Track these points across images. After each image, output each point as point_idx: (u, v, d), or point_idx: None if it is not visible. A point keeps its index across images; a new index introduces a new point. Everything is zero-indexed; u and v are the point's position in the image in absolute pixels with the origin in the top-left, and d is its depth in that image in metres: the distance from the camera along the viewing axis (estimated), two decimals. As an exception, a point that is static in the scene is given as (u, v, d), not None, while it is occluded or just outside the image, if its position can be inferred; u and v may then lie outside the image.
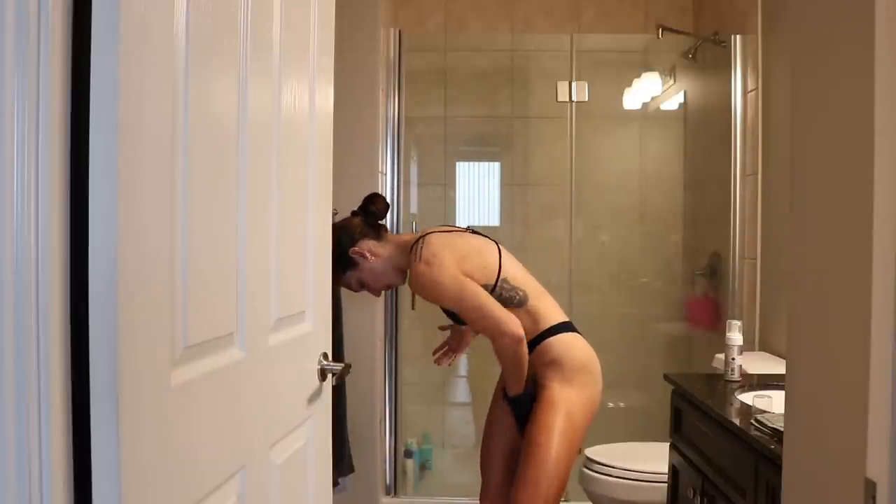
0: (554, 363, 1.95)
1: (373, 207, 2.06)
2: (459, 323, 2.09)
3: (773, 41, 2.72)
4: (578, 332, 2.02)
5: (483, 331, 1.94)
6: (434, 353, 2.29)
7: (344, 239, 1.99)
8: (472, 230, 2.10)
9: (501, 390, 2.14)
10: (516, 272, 2.00)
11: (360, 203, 2.10)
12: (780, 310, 2.61)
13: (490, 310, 1.89)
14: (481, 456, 2.21)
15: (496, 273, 1.97)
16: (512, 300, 1.97)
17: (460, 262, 1.94)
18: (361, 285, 2.05)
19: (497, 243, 2.05)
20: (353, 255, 2.00)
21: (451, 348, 2.27)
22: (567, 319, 2.03)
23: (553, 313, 2.02)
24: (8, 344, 0.70)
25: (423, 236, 1.98)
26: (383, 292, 2.19)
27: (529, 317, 1.98)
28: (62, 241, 0.75)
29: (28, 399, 0.71)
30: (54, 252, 0.74)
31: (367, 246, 2.02)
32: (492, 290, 1.94)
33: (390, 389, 3.08)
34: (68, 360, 0.76)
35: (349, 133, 2.71)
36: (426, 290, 1.94)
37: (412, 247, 1.98)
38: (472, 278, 1.93)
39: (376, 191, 2.85)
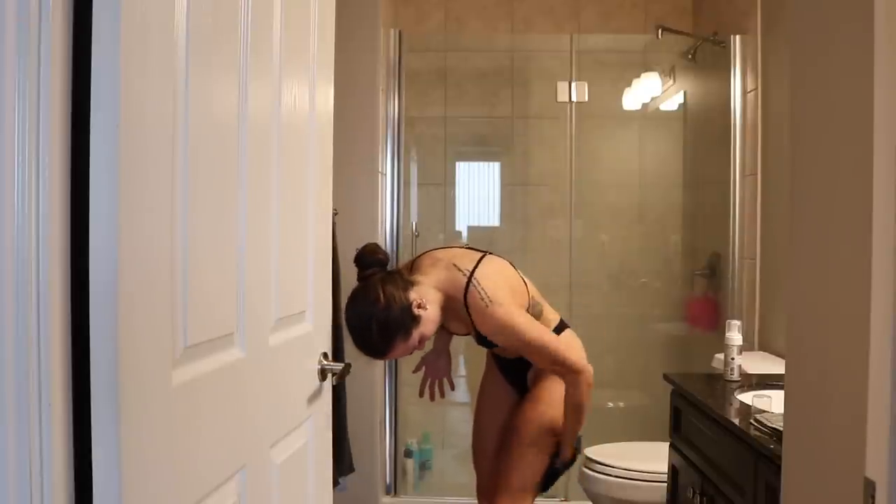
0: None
1: (380, 256, 1.84)
2: (488, 346, 2.02)
3: (773, 41, 2.72)
4: (569, 327, 2.07)
5: (552, 368, 1.88)
6: (421, 395, 2.20)
7: (396, 298, 1.74)
8: (488, 251, 2.00)
9: (494, 368, 2.16)
10: (531, 288, 1.99)
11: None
12: (779, 310, 2.61)
13: (562, 350, 1.83)
14: (473, 445, 2.21)
15: (527, 297, 1.94)
16: (535, 317, 1.97)
17: (514, 298, 1.87)
18: (420, 340, 1.80)
19: (509, 261, 2.01)
20: (418, 311, 1.77)
21: (434, 378, 2.19)
22: (559, 316, 2.07)
23: (554, 314, 2.06)
24: (8, 344, 0.70)
25: (471, 275, 1.82)
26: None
27: (544, 325, 2.01)
28: (62, 241, 0.75)
29: (29, 399, 0.72)
30: (54, 252, 0.74)
31: (415, 296, 1.78)
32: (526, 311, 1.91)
33: (390, 389, 3.08)
34: (69, 360, 0.76)
35: (349, 133, 2.71)
36: (500, 331, 1.81)
37: (466, 286, 1.81)
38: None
39: (376, 189, 2.85)
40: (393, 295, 1.74)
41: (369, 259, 1.83)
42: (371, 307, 1.73)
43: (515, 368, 2.10)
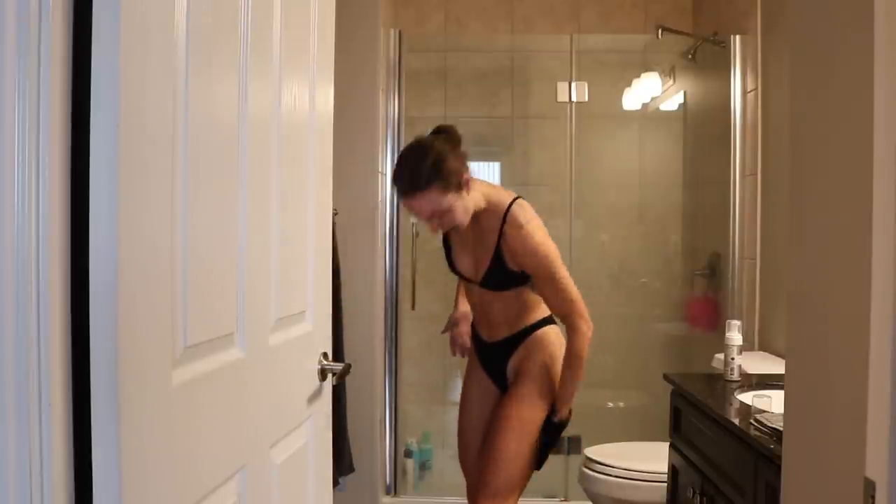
0: (547, 351, 2.03)
1: (458, 136, 1.91)
2: (497, 284, 2.01)
3: (773, 41, 2.72)
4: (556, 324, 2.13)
5: (561, 310, 1.96)
6: (453, 353, 2.27)
7: (458, 158, 1.83)
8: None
9: (476, 362, 2.18)
10: None
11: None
12: (779, 310, 2.61)
13: (574, 293, 1.93)
14: (459, 446, 2.22)
15: None
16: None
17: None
18: (442, 214, 1.84)
19: None
20: (466, 182, 1.84)
21: (458, 338, 2.25)
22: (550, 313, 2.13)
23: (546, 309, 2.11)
24: (8, 344, 0.70)
25: (514, 199, 1.92)
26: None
27: (537, 313, 2.06)
28: (62, 241, 0.75)
29: (29, 399, 0.72)
30: (54, 252, 0.74)
31: (467, 176, 1.85)
32: None
33: (390, 389, 3.08)
34: (69, 360, 0.76)
35: (349, 133, 2.71)
36: (530, 252, 1.89)
37: (510, 205, 1.90)
38: None
39: (376, 189, 2.85)
40: (457, 154, 1.85)
41: (450, 133, 1.93)
42: (438, 145, 1.83)
43: (497, 357, 2.10)
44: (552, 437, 2.01)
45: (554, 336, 2.07)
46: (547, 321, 2.07)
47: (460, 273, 2.10)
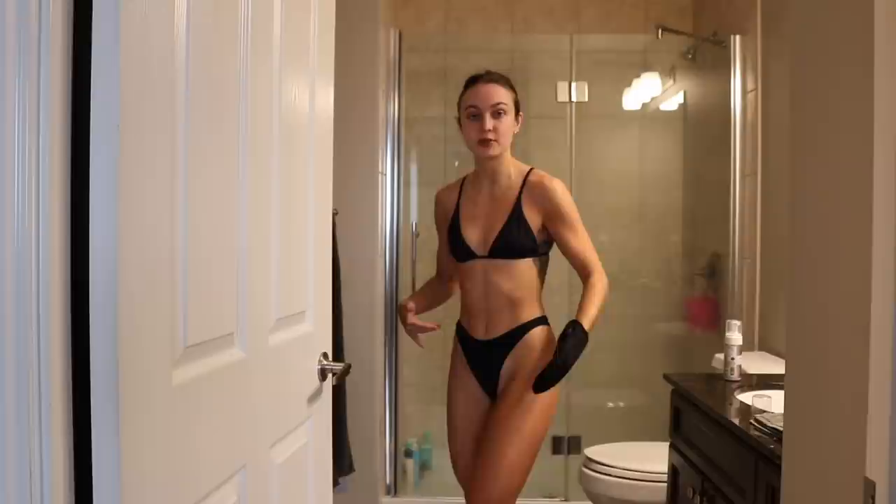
0: (545, 354, 1.99)
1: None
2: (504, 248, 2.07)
3: (773, 41, 2.72)
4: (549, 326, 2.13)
5: (583, 260, 2.03)
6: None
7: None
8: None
9: (463, 366, 2.13)
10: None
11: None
12: (779, 310, 2.61)
13: (591, 246, 2.06)
14: (452, 457, 2.18)
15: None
16: (543, 271, 2.09)
17: None
18: (501, 115, 2.08)
19: None
20: (520, 120, 2.13)
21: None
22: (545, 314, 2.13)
23: (541, 307, 2.11)
24: (8, 344, 0.70)
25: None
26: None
27: (530, 312, 2.05)
28: (62, 241, 0.75)
29: (29, 399, 0.72)
30: (55, 252, 0.74)
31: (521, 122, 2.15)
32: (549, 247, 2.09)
33: (390, 389, 3.08)
34: (69, 360, 0.76)
35: (349, 133, 2.71)
36: (554, 190, 2.03)
37: (531, 169, 2.11)
38: None
39: (376, 189, 2.85)
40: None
41: None
42: None
43: (491, 358, 2.06)
44: (567, 357, 1.83)
45: (551, 338, 2.04)
46: (542, 320, 2.06)
47: (467, 246, 2.06)
